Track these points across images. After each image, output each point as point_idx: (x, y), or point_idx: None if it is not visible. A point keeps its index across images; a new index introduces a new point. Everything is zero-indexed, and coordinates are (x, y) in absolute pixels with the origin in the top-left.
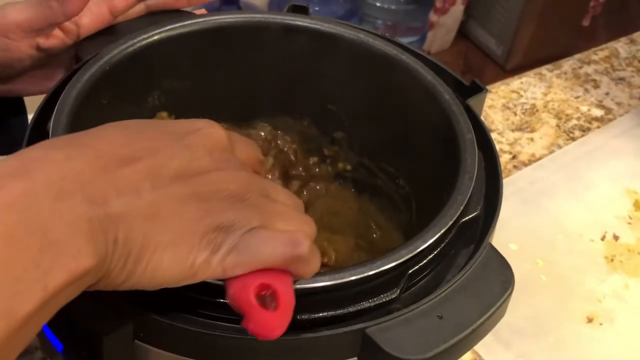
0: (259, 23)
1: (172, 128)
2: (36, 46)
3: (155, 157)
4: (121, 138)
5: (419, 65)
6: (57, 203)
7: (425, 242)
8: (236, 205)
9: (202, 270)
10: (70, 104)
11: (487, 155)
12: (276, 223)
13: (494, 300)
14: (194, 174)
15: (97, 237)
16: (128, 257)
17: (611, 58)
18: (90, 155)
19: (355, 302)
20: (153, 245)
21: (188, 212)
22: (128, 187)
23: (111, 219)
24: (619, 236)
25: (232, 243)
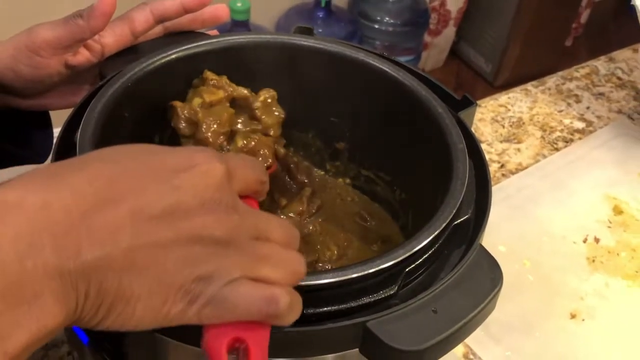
0: (268, 43)
1: (165, 163)
2: (64, 63)
3: (139, 199)
4: (105, 176)
5: (415, 82)
6: (24, 260)
7: (421, 243)
8: (220, 252)
9: (177, 318)
10: (95, 117)
11: (477, 163)
12: (262, 269)
13: (484, 296)
14: (179, 218)
15: (67, 292)
16: (100, 307)
17: (591, 75)
18: (68, 199)
19: (356, 298)
20: (126, 296)
21: (166, 261)
22: (104, 235)
23: (83, 271)
24: (600, 239)
25: (209, 295)
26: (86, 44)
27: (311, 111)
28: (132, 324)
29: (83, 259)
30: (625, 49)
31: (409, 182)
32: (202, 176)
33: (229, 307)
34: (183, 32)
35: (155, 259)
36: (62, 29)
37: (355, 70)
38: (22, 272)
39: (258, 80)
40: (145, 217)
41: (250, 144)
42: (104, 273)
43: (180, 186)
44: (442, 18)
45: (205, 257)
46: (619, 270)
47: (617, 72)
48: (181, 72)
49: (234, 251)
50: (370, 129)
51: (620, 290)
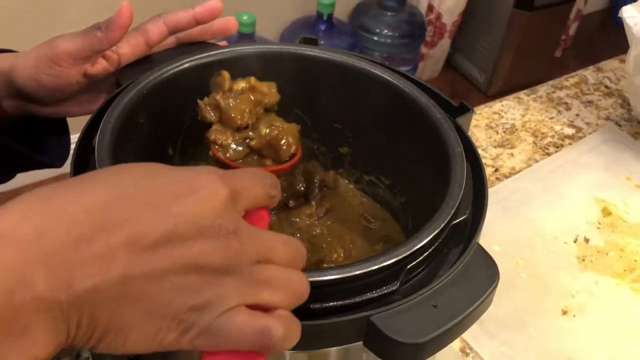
0: (275, 53)
1: (165, 188)
2: (83, 73)
3: (135, 227)
4: (102, 203)
5: (415, 89)
6: (15, 294)
7: (422, 242)
8: (217, 281)
9: (170, 345)
10: (112, 123)
11: (474, 166)
12: (261, 294)
13: (481, 292)
14: (175, 246)
15: (58, 324)
16: (92, 335)
17: (581, 84)
18: (62, 229)
19: (360, 293)
20: (118, 326)
21: (160, 292)
22: (97, 266)
23: (75, 303)
24: (589, 239)
25: (203, 326)
26: (104, 54)
27: (316, 118)
28: (125, 350)
29: (75, 291)
30: (613, 59)
31: (409, 184)
32: (203, 202)
33: (223, 337)
34: (194, 42)
35: (148, 289)
36: (81, 40)
37: (358, 78)
38: (12, 307)
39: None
40: (140, 247)
41: (274, 133)
42: (96, 304)
43: (178, 213)
44: (438, 31)
45: (200, 286)
46: (607, 269)
47: (605, 81)
48: (193, 81)
49: (233, 278)
50: (372, 135)
51: (609, 288)
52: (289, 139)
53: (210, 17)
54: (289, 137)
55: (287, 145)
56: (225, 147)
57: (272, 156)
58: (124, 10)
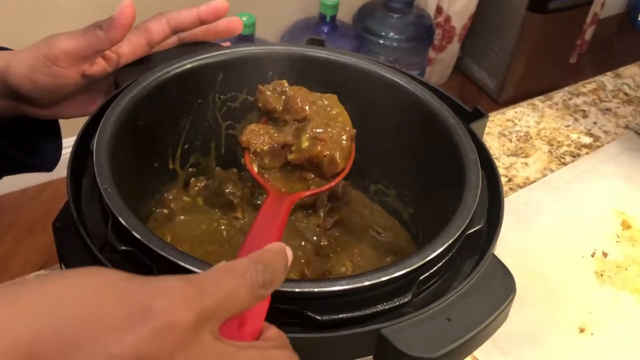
0: (280, 54)
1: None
2: (82, 73)
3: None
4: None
5: (427, 93)
6: None
7: (435, 251)
8: None
9: None
10: (111, 124)
11: (489, 174)
12: None
13: (497, 304)
14: None
15: None
16: None
17: (598, 90)
18: None
19: (371, 305)
20: None
21: None
22: None
23: None
24: (608, 253)
25: None
26: (103, 54)
27: None
28: None
29: None
30: (632, 65)
31: (420, 192)
32: (153, 338)
33: None
34: (197, 42)
35: None
36: (81, 39)
37: (367, 81)
38: None
39: None
40: None
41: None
42: None
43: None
44: (447, 34)
45: None
46: (627, 285)
47: (624, 87)
48: (196, 82)
49: None
50: (382, 140)
51: (629, 304)
52: (334, 156)
53: (215, 17)
54: (336, 151)
55: (331, 163)
56: (260, 155)
57: (313, 171)
58: (126, 8)
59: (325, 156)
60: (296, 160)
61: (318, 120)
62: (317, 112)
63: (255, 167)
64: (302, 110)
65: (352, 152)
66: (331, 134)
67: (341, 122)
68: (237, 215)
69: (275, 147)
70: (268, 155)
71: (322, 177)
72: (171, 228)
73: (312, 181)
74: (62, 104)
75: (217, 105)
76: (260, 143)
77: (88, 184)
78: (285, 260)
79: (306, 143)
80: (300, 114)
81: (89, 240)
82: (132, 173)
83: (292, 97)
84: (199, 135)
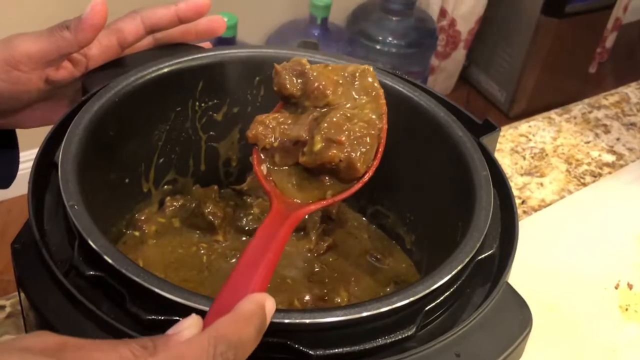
0: (269, 57)
1: None
2: (45, 78)
3: None
4: None
5: (432, 102)
6: None
7: (442, 279)
8: None
9: None
10: (79, 134)
11: (502, 193)
12: None
13: (512, 339)
14: None
15: None
16: None
17: (622, 103)
18: None
19: (370, 339)
20: None
21: None
22: None
23: None
24: (633, 284)
25: None
26: (70, 57)
27: None
28: None
29: None
30: None
31: (425, 214)
32: None
33: None
34: (175, 44)
35: None
36: (46, 41)
37: None
38: None
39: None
40: None
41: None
42: None
43: None
44: (451, 39)
45: None
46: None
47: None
48: (174, 87)
49: None
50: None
51: None
52: (351, 160)
53: (195, 15)
54: (355, 153)
55: (349, 169)
56: (270, 152)
57: (330, 174)
58: (96, 6)
59: (341, 161)
60: (309, 164)
61: (339, 111)
62: (343, 95)
63: (264, 168)
64: (323, 96)
65: (379, 151)
66: (350, 133)
67: (369, 110)
68: (217, 238)
69: (286, 143)
70: (279, 152)
71: (341, 181)
72: (143, 252)
73: (330, 186)
74: (22, 112)
75: (197, 115)
76: (270, 137)
77: (52, 201)
78: (259, 324)
79: (319, 145)
80: (321, 100)
81: (52, 264)
82: (101, 189)
83: (312, 81)
84: (176, 147)
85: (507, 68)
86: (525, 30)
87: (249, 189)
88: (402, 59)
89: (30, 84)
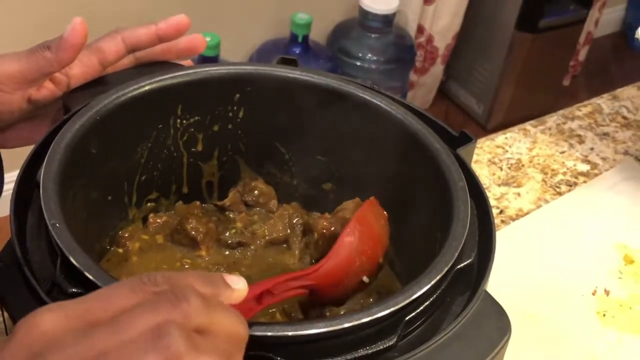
0: (249, 75)
1: None
2: (27, 98)
3: None
4: None
5: (409, 115)
6: None
7: (422, 289)
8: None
9: None
10: (61, 153)
11: (479, 203)
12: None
13: (491, 347)
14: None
15: None
16: None
17: (595, 114)
18: None
19: (352, 350)
20: None
21: None
22: None
23: None
24: (610, 291)
25: None
26: (51, 77)
27: (296, 149)
28: None
29: None
30: (630, 86)
31: (403, 225)
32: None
33: None
34: (155, 62)
35: None
36: (27, 61)
37: (344, 103)
38: None
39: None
40: None
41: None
42: None
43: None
44: (429, 55)
45: None
46: (632, 326)
47: (622, 110)
48: (155, 105)
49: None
50: (360, 167)
51: (635, 347)
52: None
53: (175, 34)
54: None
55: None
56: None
57: None
58: (77, 26)
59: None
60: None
61: None
62: None
63: None
64: None
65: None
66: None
67: None
68: (201, 254)
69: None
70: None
71: None
72: (128, 269)
73: None
74: (5, 132)
75: (178, 132)
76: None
77: (34, 220)
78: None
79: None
80: None
81: (34, 282)
82: (84, 208)
83: None
84: (158, 165)
85: (484, 82)
86: (501, 45)
87: (231, 204)
88: (381, 75)
89: (13, 104)
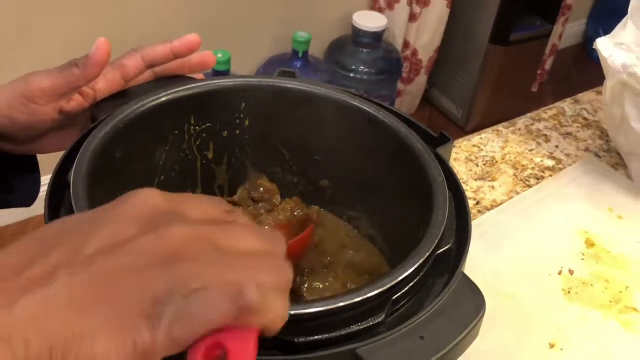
0: (254, 86)
1: (92, 213)
2: (59, 110)
3: (69, 243)
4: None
5: (395, 120)
6: None
7: (406, 272)
8: (172, 268)
9: (148, 347)
10: (88, 157)
11: (456, 196)
12: (223, 276)
13: (468, 322)
14: (119, 245)
15: None
16: (52, 351)
17: (559, 116)
18: None
19: (346, 326)
20: (79, 334)
21: (115, 290)
22: (39, 281)
23: (17, 320)
24: (574, 271)
25: (172, 313)
26: (80, 90)
27: (296, 150)
28: None
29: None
30: (590, 91)
31: (391, 217)
32: (136, 207)
33: (196, 318)
34: (172, 76)
35: (102, 290)
36: (58, 77)
37: (338, 110)
38: None
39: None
40: (81, 257)
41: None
42: (45, 316)
43: (111, 219)
44: (414, 67)
45: (156, 276)
46: (594, 301)
47: (582, 113)
48: (171, 114)
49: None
50: (352, 166)
51: (596, 320)
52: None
53: (188, 51)
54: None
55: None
56: None
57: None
58: (101, 46)
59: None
60: None
61: None
62: None
63: None
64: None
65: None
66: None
67: None
68: None
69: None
70: None
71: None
72: None
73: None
74: (39, 140)
75: (192, 137)
76: None
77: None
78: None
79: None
80: None
81: None
82: None
83: None
84: (175, 166)
85: (462, 90)
86: (477, 57)
87: (240, 200)
88: (373, 85)
89: (46, 115)
